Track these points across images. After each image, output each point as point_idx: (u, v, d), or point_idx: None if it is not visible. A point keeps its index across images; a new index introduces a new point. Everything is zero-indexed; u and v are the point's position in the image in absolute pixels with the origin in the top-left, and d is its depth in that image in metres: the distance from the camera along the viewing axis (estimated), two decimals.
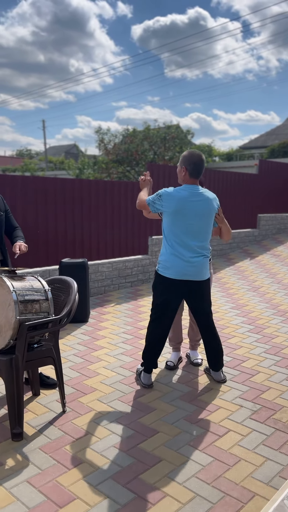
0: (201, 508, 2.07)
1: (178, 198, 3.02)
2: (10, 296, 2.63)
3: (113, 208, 6.77)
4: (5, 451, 2.54)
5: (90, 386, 3.37)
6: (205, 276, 3.16)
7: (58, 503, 2.11)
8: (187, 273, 3.08)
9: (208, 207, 3.07)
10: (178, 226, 3.05)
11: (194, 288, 3.15)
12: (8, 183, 5.47)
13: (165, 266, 3.11)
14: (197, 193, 3.06)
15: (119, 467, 2.38)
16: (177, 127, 19.97)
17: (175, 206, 3.02)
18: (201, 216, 3.05)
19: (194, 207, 3.03)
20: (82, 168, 22.44)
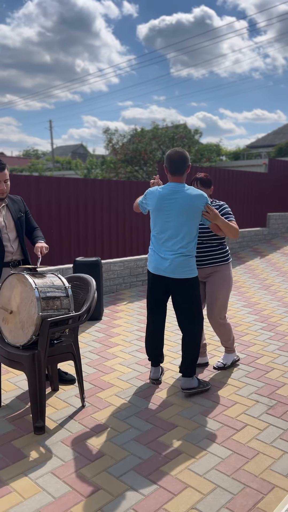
0: (222, 499, 2.13)
1: (157, 196, 3.05)
2: (32, 293, 2.70)
3: (125, 207, 6.83)
4: (28, 443, 2.61)
5: (108, 381, 3.43)
6: (183, 274, 3.04)
7: (83, 493, 2.18)
8: (162, 268, 3.08)
9: (188, 204, 2.97)
10: (157, 223, 3.09)
11: (172, 286, 3.10)
12: (22, 183, 5.55)
13: (148, 259, 3.23)
14: (176, 191, 3.00)
15: (140, 460, 2.44)
16: (185, 126, 20.00)
17: (155, 204, 3.06)
18: (179, 213, 2.98)
19: (171, 205, 3.00)
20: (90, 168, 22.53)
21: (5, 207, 3.19)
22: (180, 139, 18.15)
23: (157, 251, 3.13)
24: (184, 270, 3.05)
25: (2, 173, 3.03)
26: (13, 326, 2.82)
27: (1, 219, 3.14)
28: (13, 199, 3.28)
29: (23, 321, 2.76)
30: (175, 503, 2.10)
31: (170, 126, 19.73)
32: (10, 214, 3.19)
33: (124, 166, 18.39)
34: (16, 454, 2.50)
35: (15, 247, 3.18)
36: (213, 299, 3.46)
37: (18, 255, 3.22)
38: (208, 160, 19.27)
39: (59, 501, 2.12)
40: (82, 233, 6.31)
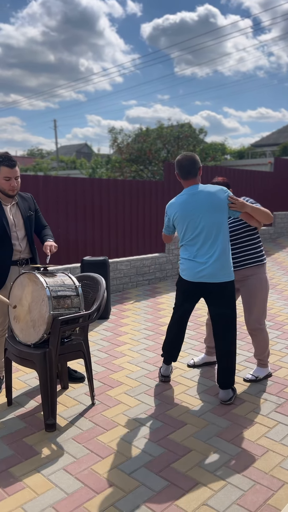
0: (233, 495, 2.15)
1: (178, 204, 3.01)
2: (43, 292, 2.73)
3: (131, 206, 6.86)
4: (40, 441, 2.64)
5: (117, 380, 3.46)
6: (224, 277, 2.95)
7: (95, 489, 2.21)
8: (201, 275, 2.96)
9: (213, 201, 2.92)
10: (186, 231, 2.99)
11: (211, 292, 2.99)
12: (30, 182, 5.59)
13: (181, 268, 3.10)
14: (195, 193, 2.98)
15: (151, 457, 2.47)
16: (189, 125, 20.00)
17: (178, 212, 3.00)
18: (207, 212, 2.92)
19: (196, 207, 2.95)
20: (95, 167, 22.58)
21: (15, 205, 3.22)
22: (185, 138, 18.16)
23: (193, 258, 3.00)
24: (225, 272, 2.95)
25: (13, 169, 3.06)
26: (24, 325, 2.85)
27: (11, 217, 3.17)
28: (23, 197, 3.31)
29: (34, 319, 2.79)
30: (186, 500, 2.12)
31: (175, 125, 19.74)
32: (20, 212, 3.22)
33: (129, 166, 18.42)
34: (28, 451, 2.53)
35: (23, 245, 3.21)
36: (250, 304, 3.28)
37: (26, 254, 3.26)
38: (213, 159, 19.26)
39: (72, 497, 2.15)
40: (89, 232, 6.34)
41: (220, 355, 3.05)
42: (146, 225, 7.09)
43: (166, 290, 6.42)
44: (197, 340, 4.35)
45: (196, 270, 2.98)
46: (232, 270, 3.01)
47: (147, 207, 7.08)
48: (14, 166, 3.06)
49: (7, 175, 3.04)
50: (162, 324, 4.86)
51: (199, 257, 2.98)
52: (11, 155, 3.11)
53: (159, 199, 7.29)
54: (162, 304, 5.70)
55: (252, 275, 3.29)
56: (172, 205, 3.08)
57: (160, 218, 7.30)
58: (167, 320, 5.00)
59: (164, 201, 7.33)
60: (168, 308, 5.48)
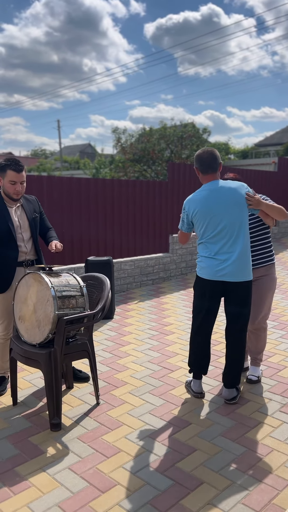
0: (238, 494, 2.16)
1: (198, 200, 2.91)
2: (48, 292, 2.74)
3: (135, 207, 6.87)
4: (45, 440, 2.65)
5: (121, 379, 3.47)
6: (245, 277, 2.90)
7: (101, 488, 2.22)
8: (222, 273, 2.90)
9: (234, 197, 2.86)
10: (207, 228, 2.91)
11: (232, 291, 2.93)
12: (34, 183, 5.61)
13: (200, 267, 2.99)
14: (216, 188, 2.90)
15: (156, 456, 2.47)
16: (193, 125, 19.99)
17: (198, 208, 2.91)
18: (229, 209, 2.85)
19: (218, 203, 2.87)
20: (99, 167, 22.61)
21: (20, 207, 3.24)
22: (188, 138, 18.15)
23: (213, 256, 2.92)
24: (246, 271, 2.91)
25: (20, 174, 3.07)
26: (29, 325, 2.87)
27: (16, 219, 3.18)
28: (28, 199, 3.33)
29: (39, 319, 2.81)
30: (191, 499, 2.13)
31: (178, 125, 19.74)
32: (25, 214, 3.24)
33: (133, 166, 18.44)
34: (34, 450, 2.55)
35: (28, 247, 3.23)
36: (260, 302, 3.25)
37: (31, 255, 3.27)
38: None
39: (78, 496, 2.16)
40: (93, 232, 6.35)
41: (232, 354, 3.02)
42: (149, 225, 7.09)
43: (170, 290, 6.43)
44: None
45: (217, 269, 2.90)
46: (251, 269, 2.98)
47: (150, 207, 7.09)
48: (20, 171, 3.07)
49: (13, 179, 3.05)
50: (166, 324, 4.86)
51: (220, 255, 2.89)
52: (18, 160, 3.12)
53: (163, 199, 7.29)
54: (166, 304, 5.70)
55: (264, 275, 3.25)
56: (191, 201, 2.96)
57: (163, 218, 7.30)
58: (171, 320, 5.01)
59: (168, 201, 7.34)
60: (172, 308, 5.49)
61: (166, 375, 3.55)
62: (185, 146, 18.17)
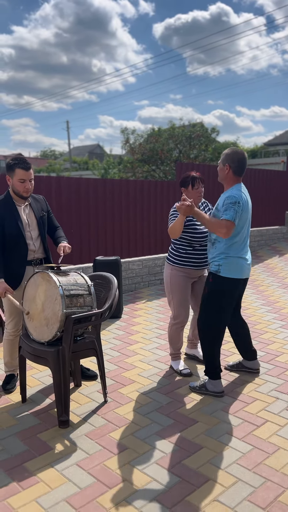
0: (244, 492, 2.17)
1: (245, 198, 3.02)
2: (56, 291, 2.78)
3: (143, 206, 6.89)
4: (53, 437, 2.69)
5: (129, 378, 3.50)
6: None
7: (108, 484, 2.25)
8: (248, 271, 3.16)
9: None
10: (242, 228, 3.03)
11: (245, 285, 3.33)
12: (43, 183, 5.67)
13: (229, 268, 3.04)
14: (244, 191, 3.07)
15: (163, 453, 2.50)
16: (201, 125, 19.96)
17: (245, 207, 3.01)
18: (249, 211, 3.11)
19: (249, 205, 3.10)
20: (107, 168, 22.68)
21: (28, 205, 3.28)
22: (197, 138, 18.14)
23: (242, 256, 3.06)
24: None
25: (28, 172, 3.12)
26: (38, 323, 2.91)
27: (25, 217, 3.23)
28: (35, 198, 3.37)
29: (48, 318, 2.84)
30: (198, 495, 2.15)
31: (186, 125, 19.73)
32: (33, 213, 3.28)
33: (141, 166, 18.47)
34: (42, 447, 2.59)
35: (37, 245, 3.27)
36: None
37: (40, 254, 3.31)
38: None
39: (85, 492, 2.19)
40: (102, 232, 6.39)
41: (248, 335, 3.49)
42: (157, 224, 7.11)
43: None
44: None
45: (247, 268, 3.13)
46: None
47: (158, 206, 7.11)
48: (29, 169, 3.12)
49: (22, 177, 3.10)
50: None
51: (245, 254, 3.12)
52: (25, 158, 3.17)
53: (171, 198, 7.31)
54: None
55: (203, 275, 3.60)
56: (242, 197, 2.98)
57: None
58: None
59: (176, 201, 7.35)
60: None
61: (172, 373, 3.57)
62: (194, 146, 18.15)
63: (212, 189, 8.31)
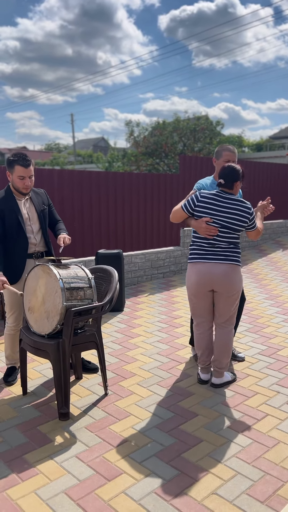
0: (242, 485, 2.17)
1: None
2: (57, 284, 2.77)
3: (146, 200, 6.87)
4: (53, 429, 2.70)
5: (130, 371, 3.50)
6: None
7: (107, 476, 2.25)
8: None
9: None
10: None
11: None
12: (45, 176, 5.65)
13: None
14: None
15: (162, 446, 2.50)
16: (206, 118, 19.83)
17: None
18: None
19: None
20: (111, 161, 22.63)
21: (29, 199, 3.27)
22: (202, 131, 18.03)
23: None
24: None
25: (28, 169, 3.10)
26: (38, 316, 2.91)
27: (25, 211, 3.22)
28: (36, 192, 3.36)
29: (48, 310, 2.84)
30: (196, 488, 2.15)
31: (191, 118, 19.60)
32: (34, 207, 3.27)
33: (146, 159, 18.40)
34: (42, 439, 2.59)
35: (38, 239, 3.26)
36: None
37: (41, 247, 3.31)
38: None
39: (84, 484, 2.20)
40: (104, 225, 6.38)
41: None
42: (160, 218, 7.09)
43: (180, 284, 6.43)
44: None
45: None
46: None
47: (161, 200, 7.08)
48: (28, 166, 3.10)
49: (21, 174, 3.08)
50: (175, 317, 4.88)
51: None
52: (26, 154, 3.14)
53: (174, 192, 7.27)
54: (176, 297, 5.71)
55: None
56: None
57: None
58: (181, 313, 5.01)
59: (179, 194, 7.32)
60: (182, 301, 5.49)
61: (174, 367, 3.57)
62: (198, 139, 18.05)
63: None
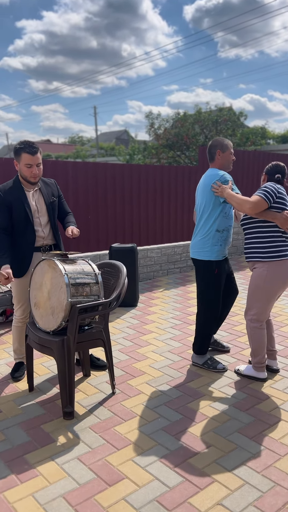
0: (250, 496, 2.04)
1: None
2: (62, 279, 2.69)
3: (163, 192, 6.73)
4: (57, 428, 2.62)
5: (139, 369, 3.40)
6: (196, 255, 3.27)
7: (108, 481, 2.16)
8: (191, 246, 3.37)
9: (202, 183, 3.21)
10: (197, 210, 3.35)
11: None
12: (59, 169, 5.58)
13: None
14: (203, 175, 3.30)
15: (168, 450, 2.39)
16: (229, 109, 19.39)
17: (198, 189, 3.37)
18: (200, 193, 3.25)
19: (198, 188, 3.31)
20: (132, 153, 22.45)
21: (38, 191, 3.18)
22: (224, 122, 17.64)
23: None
24: (198, 250, 3.25)
25: (35, 156, 3.01)
26: (44, 312, 2.83)
27: (33, 203, 3.13)
28: (46, 183, 3.27)
29: (53, 306, 2.76)
30: (200, 498, 2.04)
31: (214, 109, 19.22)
32: (43, 198, 3.18)
33: (166, 152, 18.14)
34: (45, 438, 2.52)
35: (46, 231, 3.18)
36: (248, 294, 3.14)
37: (49, 240, 3.23)
38: (253, 143, 18.64)
39: (83, 488, 2.11)
40: (120, 219, 6.27)
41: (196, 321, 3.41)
42: (178, 211, 6.94)
43: None
44: (228, 342, 4.22)
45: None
46: (209, 251, 3.21)
47: (179, 193, 6.92)
48: (35, 153, 3.01)
49: (28, 162, 3.00)
50: (190, 314, 4.74)
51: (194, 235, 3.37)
52: (33, 142, 3.05)
53: (192, 184, 7.11)
54: (192, 293, 5.57)
55: (255, 268, 3.10)
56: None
57: (192, 204, 7.12)
58: (196, 310, 4.87)
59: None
60: None
61: (185, 366, 3.45)
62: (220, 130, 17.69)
63: (241, 177, 8.04)
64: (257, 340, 3.11)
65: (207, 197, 3.16)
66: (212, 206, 3.16)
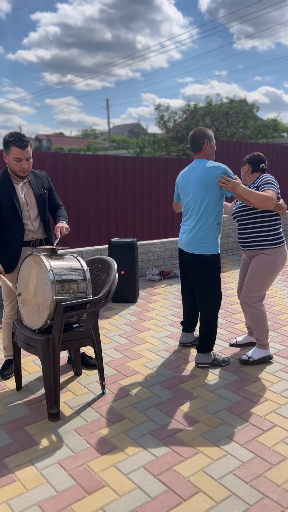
0: (235, 509, 1.92)
1: (181, 174, 3.29)
2: (47, 276, 2.58)
3: (167, 186, 6.58)
4: (41, 430, 2.53)
5: (133, 368, 3.29)
6: (199, 250, 3.13)
7: (87, 489, 2.06)
8: (181, 243, 3.27)
9: (200, 176, 3.06)
10: (182, 201, 3.30)
11: (189, 261, 3.23)
12: (59, 161, 5.47)
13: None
14: (194, 166, 3.15)
15: (153, 457, 2.28)
16: (241, 101, 19.05)
17: (179, 183, 3.31)
18: (195, 187, 3.09)
19: (189, 180, 3.16)
20: (142, 146, 22.25)
21: (27, 183, 3.07)
22: (235, 114, 17.33)
23: (181, 224, 3.34)
24: (198, 245, 3.13)
25: (25, 150, 2.90)
26: (30, 309, 2.73)
27: (22, 196, 3.03)
28: (36, 175, 3.16)
29: (39, 304, 2.66)
30: (182, 509, 1.92)
31: (225, 101, 18.90)
32: (32, 191, 3.07)
33: (176, 144, 17.91)
34: (27, 441, 2.43)
35: (36, 225, 3.07)
36: (246, 279, 3.26)
37: (39, 234, 3.12)
38: (264, 136, 18.29)
39: (61, 496, 2.01)
40: (121, 213, 6.15)
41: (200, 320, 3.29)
42: None
43: None
44: (225, 329, 4.08)
45: (180, 237, 3.30)
46: (213, 245, 3.13)
47: None
48: (25, 147, 2.89)
49: (17, 156, 2.88)
50: None
51: (184, 225, 3.28)
52: (23, 135, 2.93)
53: None
54: None
55: (255, 255, 3.26)
56: (180, 174, 3.33)
57: None
58: None
59: None
60: None
61: (180, 366, 3.33)
62: (231, 123, 17.39)
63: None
64: (265, 318, 3.24)
65: (212, 191, 3.05)
66: (216, 200, 3.08)
